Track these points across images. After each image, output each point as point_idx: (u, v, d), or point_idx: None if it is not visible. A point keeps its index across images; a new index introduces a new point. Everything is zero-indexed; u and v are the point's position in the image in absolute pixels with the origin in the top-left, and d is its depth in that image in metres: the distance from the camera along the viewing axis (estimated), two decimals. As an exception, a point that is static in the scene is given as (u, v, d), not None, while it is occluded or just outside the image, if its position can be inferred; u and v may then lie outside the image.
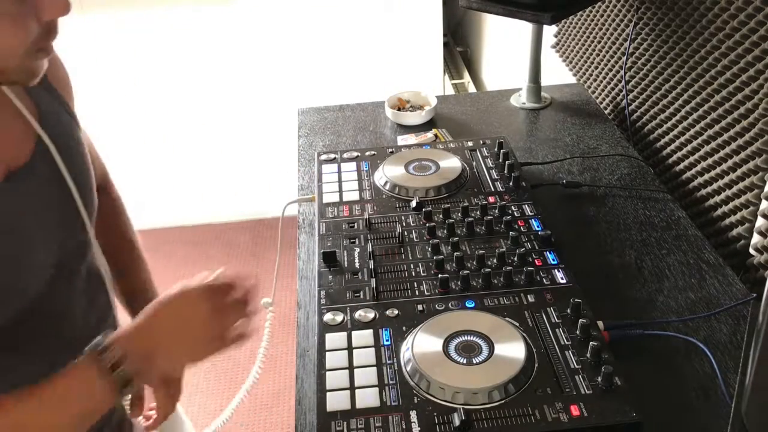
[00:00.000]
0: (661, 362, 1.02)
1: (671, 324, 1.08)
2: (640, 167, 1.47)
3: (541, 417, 0.85)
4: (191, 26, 3.05)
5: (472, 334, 0.96)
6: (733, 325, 1.07)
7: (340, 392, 0.90)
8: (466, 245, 1.15)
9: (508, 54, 2.73)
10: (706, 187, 1.37)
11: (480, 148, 1.43)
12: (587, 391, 0.88)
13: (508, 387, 0.88)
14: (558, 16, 1.49)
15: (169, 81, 3.18)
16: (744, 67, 1.21)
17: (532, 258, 1.12)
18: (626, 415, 0.85)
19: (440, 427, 0.85)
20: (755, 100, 1.19)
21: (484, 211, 1.22)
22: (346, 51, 3.07)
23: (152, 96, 3.21)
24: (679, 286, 1.15)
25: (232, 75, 3.16)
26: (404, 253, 1.15)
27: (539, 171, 1.47)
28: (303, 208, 1.41)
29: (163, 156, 3.34)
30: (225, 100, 3.24)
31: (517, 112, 1.75)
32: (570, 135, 1.61)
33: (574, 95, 1.80)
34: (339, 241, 1.18)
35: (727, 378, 0.97)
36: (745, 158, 1.22)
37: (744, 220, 1.23)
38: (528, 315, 1.01)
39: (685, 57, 1.41)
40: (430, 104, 1.71)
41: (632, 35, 1.60)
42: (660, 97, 1.53)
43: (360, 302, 1.05)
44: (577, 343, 0.95)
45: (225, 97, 3.24)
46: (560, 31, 2.07)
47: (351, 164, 1.40)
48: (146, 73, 3.15)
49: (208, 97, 3.23)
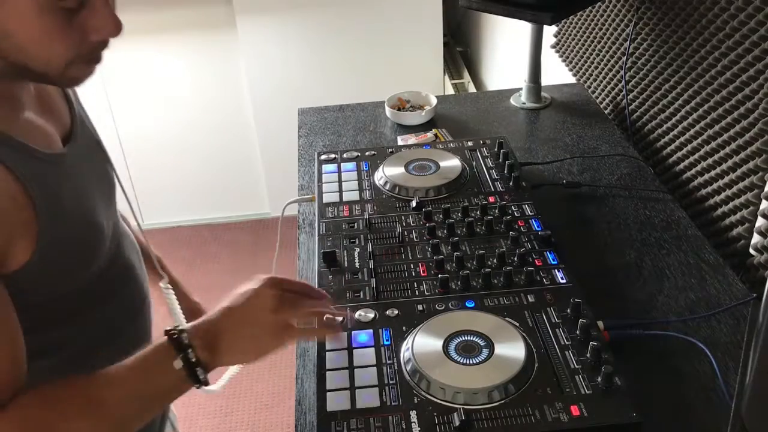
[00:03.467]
0: (661, 362, 1.02)
1: (671, 324, 1.08)
2: (640, 167, 1.47)
3: (541, 417, 0.85)
4: (192, 25, 3.05)
5: (472, 334, 0.96)
6: (733, 325, 1.07)
7: (340, 392, 0.90)
8: (466, 245, 1.15)
9: (508, 54, 2.73)
10: (706, 187, 1.37)
11: (480, 148, 1.43)
12: (587, 391, 0.88)
13: (508, 387, 0.88)
14: (558, 16, 1.49)
15: (169, 81, 3.18)
16: (744, 67, 1.21)
17: (532, 258, 1.12)
18: (626, 415, 0.85)
19: (440, 427, 0.85)
20: (755, 100, 1.19)
21: (484, 211, 1.22)
22: (346, 51, 3.07)
23: (152, 96, 3.21)
24: (679, 286, 1.15)
25: (232, 75, 3.16)
26: (404, 253, 1.15)
27: (539, 171, 1.47)
28: (303, 208, 1.41)
29: (163, 156, 3.34)
30: (225, 100, 3.25)
31: (517, 112, 1.75)
32: (570, 135, 1.61)
33: (574, 95, 1.80)
34: (339, 241, 1.18)
35: (727, 378, 0.97)
36: (745, 158, 1.22)
37: (744, 220, 1.23)
38: (528, 315, 1.01)
39: (685, 57, 1.41)
40: (430, 104, 1.71)
41: (632, 35, 1.60)
42: (660, 97, 1.53)
43: (360, 302, 1.05)
44: (577, 343, 0.95)
45: (225, 96, 3.24)
46: (560, 31, 2.07)
47: (351, 164, 1.40)
48: (146, 73, 3.15)
49: (208, 97, 3.23)
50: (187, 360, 0.82)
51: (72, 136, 0.94)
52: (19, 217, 0.79)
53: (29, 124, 0.86)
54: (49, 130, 0.90)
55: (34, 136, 0.86)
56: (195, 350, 0.82)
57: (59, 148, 0.90)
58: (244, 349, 0.87)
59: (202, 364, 0.83)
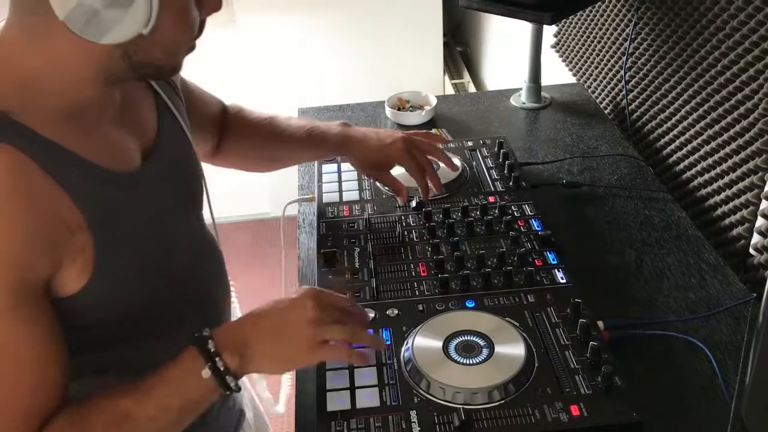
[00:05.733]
0: (661, 362, 1.01)
1: (671, 324, 1.08)
2: (640, 167, 1.47)
3: (541, 417, 0.85)
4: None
5: (472, 334, 0.96)
6: (733, 325, 1.07)
7: (340, 392, 0.91)
8: (466, 245, 1.15)
9: (508, 54, 2.73)
10: (706, 187, 1.37)
11: (480, 148, 1.43)
12: (587, 391, 0.88)
13: (508, 387, 0.88)
14: (558, 16, 1.49)
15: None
16: (744, 67, 1.21)
17: (532, 258, 1.12)
18: (626, 415, 0.85)
19: (440, 427, 0.85)
20: (755, 100, 1.19)
21: (484, 211, 1.22)
22: (346, 51, 3.07)
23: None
24: (679, 286, 1.15)
25: (233, 74, 3.16)
26: (404, 253, 1.15)
27: (539, 171, 1.47)
28: (303, 208, 1.41)
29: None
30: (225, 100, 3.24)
31: (517, 112, 1.75)
32: (570, 135, 1.61)
33: (574, 95, 1.80)
34: (339, 241, 1.18)
35: (727, 378, 0.97)
36: (745, 158, 1.22)
37: (744, 220, 1.23)
38: (528, 315, 1.01)
39: (685, 57, 1.41)
40: (430, 104, 1.70)
41: (632, 35, 1.60)
42: (660, 97, 1.53)
43: (360, 302, 1.05)
44: (577, 343, 0.95)
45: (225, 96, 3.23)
46: (560, 31, 2.07)
47: (351, 164, 1.40)
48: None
49: (208, 97, 3.23)
50: (216, 369, 0.79)
51: (156, 146, 0.91)
52: (72, 242, 0.77)
53: (105, 139, 0.84)
54: (128, 146, 0.88)
55: (109, 154, 0.83)
56: (223, 358, 0.79)
57: (134, 166, 0.88)
58: (275, 359, 0.84)
59: (231, 372, 0.80)
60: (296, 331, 0.82)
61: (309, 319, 0.82)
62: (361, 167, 1.24)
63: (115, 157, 0.85)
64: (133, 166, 0.87)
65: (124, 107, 0.88)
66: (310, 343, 0.83)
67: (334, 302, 0.87)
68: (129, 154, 0.88)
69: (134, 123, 0.90)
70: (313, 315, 0.83)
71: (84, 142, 0.80)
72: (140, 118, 0.92)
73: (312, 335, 0.82)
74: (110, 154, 0.84)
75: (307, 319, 0.82)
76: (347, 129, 1.22)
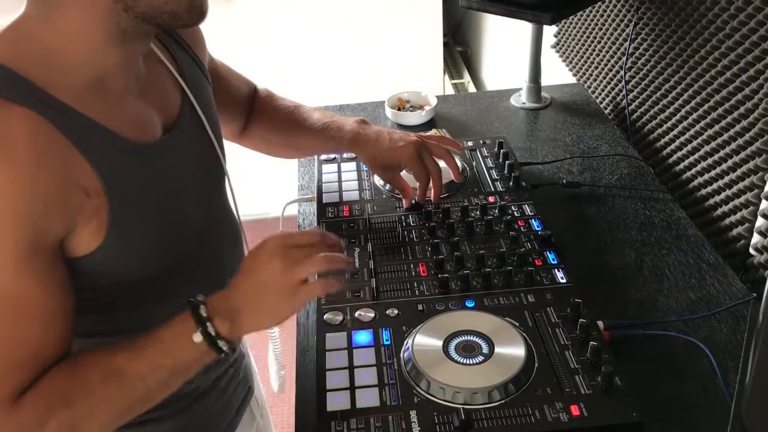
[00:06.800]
0: (661, 362, 1.01)
1: (671, 324, 1.08)
2: (640, 167, 1.47)
3: (541, 417, 0.85)
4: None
5: (472, 334, 0.96)
6: (733, 325, 1.07)
7: (340, 392, 0.91)
8: (465, 245, 1.15)
9: (508, 54, 2.73)
10: (706, 187, 1.37)
11: (480, 148, 1.43)
12: (587, 391, 0.88)
13: (508, 387, 0.88)
14: (558, 16, 1.49)
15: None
16: (744, 67, 1.21)
17: (532, 258, 1.12)
18: (626, 415, 0.85)
19: (440, 427, 0.85)
20: (755, 100, 1.19)
21: (484, 211, 1.22)
22: (346, 51, 3.07)
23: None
24: (679, 286, 1.15)
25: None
26: (404, 253, 1.15)
27: (539, 171, 1.47)
28: (303, 208, 1.41)
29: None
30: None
31: (517, 112, 1.75)
32: (570, 135, 1.61)
33: (574, 95, 1.80)
34: (339, 241, 1.18)
35: (727, 378, 0.97)
36: (745, 158, 1.22)
37: (744, 220, 1.23)
38: (528, 315, 1.01)
39: (685, 57, 1.41)
40: (430, 104, 1.70)
41: (632, 35, 1.60)
42: (660, 97, 1.53)
43: (360, 302, 1.05)
44: (577, 343, 0.95)
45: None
46: (560, 31, 2.07)
47: (351, 164, 1.40)
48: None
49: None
50: (207, 333, 0.81)
51: (177, 123, 0.94)
52: (88, 205, 0.79)
53: (127, 110, 0.86)
54: (150, 118, 0.90)
55: (130, 124, 0.86)
56: (214, 323, 0.81)
57: (155, 138, 0.90)
58: (262, 315, 0.84)
59: (222, 337, 0.81)
60: (270, 283, 0.83)
61: (280, 268, 0.83)
62: (371, 167, 1.26)
63: (135, 128, 0.87)
64: (153, 138, 0.90)
65: (148, 82, 0.91)
66: (290, 290, 0.83)
67: (297, 241, 0.86)
68: (150, 127, 0.90)
69: (157, 98, 0.92)
70: (282, 262, 0.83)
71: (106, 112, 0.83)
72: (164, 95, 0.94)
73: (288, 282, 0.83)
74: (131, 125, 0.86)
75: (278, 268, 0.83)
76: (362, 127, 1.23)
